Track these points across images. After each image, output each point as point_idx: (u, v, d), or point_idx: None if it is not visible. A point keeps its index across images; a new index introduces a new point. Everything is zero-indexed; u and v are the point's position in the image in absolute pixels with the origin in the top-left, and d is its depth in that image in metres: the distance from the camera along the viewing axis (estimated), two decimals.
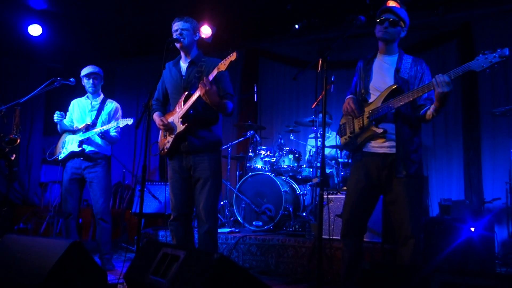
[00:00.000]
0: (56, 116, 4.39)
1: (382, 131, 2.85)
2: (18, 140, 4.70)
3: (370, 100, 2.97)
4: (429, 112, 2.81)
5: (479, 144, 6.02)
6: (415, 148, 2.89)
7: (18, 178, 7.60)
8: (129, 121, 4.27)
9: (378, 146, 2.91)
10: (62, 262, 2.56)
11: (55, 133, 4.67)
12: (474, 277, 1.74)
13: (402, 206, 2.80)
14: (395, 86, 2.85)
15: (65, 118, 4.55)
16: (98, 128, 4.36)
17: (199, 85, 3.09)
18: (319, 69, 2.80)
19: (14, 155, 4.94)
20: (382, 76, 2.97)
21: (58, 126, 4.52)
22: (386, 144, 2.88)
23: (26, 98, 4.42)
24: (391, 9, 2.95)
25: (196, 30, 3.44)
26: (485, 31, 6.16)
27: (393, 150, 2.85)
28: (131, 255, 4.94)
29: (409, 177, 2.81)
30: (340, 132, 3.17)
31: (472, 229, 3.82)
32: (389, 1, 4.86)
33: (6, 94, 7.50)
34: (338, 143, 3.28)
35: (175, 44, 3.34)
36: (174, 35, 3.35)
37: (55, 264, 2.54)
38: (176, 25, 3.37)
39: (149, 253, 2.51)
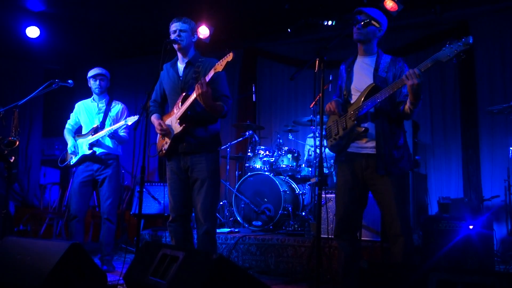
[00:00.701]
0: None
1: (363, 129, 2.89)
2: (17, 142, 4.68)
3: (352, 101, 3.01)
4: (406, 107, 2.85)
5: (477, 142, 6.04)
6: (396, 145, 2.92)
7: (17, 180, 7.60)
8: (136, 118, 4.30)
9: (361, 147, 2.95)
10: (61, 263, 2.58)
11: (54, 135, 4.70)
12: (472, 275, 1.75)
13: (388, 204, 2.84)
14: (373, 85, 2.90)
15: (69, 120, 4.64)
16: (107, 129, 4.40)
17: (196, 86, 3.10)
18: (317, 69, 2.82)
19: (13, 157, 4.93)
20: (362, 76, 3.02)
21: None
22: (369, 144, 2.93)
23: (24, 100, 4.43)
24: (361, 11, 3.00)
25: (194, 31, 3.45)
26: (482, 29, 6.17)
27: (375, 150, 2.89)
28: (131, 256, 4.95)
29: (391, 175, 2.85)
30: (327, 135, 3.21)
31: (471, 227, 3.83)
32: (386, 1, 4.88)
33: (4, 96, 7.49)
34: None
35: (173, 45, 3.34)
36: (172, 36, 3.35)
37: (55, 265, 2.55)
38: (175, 26, 3.37)
39: (148, 254, 2.52)
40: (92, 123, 4.55)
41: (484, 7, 6.14)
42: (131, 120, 4.33)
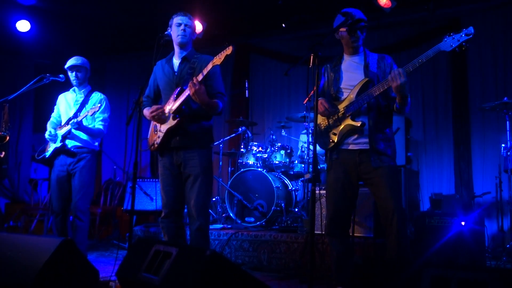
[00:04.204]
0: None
1: (360, 123, 2.91)
2: (7, 138, 4.63)
3: (343, 97, 3.02)
4: (397, 106, 2.89)
5: (469, 139, 6.08)
6: (387, 137, 2.96)
7: (7, 176, 7.53)
8: (96, 108, 4.04)
9: (354, 143, 2.97)
10: (53, 260, 2.54)
11: (45, 130, 4.59)
12: (465, 271, 1.75)
13: (384, 196, 2.86)
14: (366, 79, 2.93)
15: (53, 112, 4.45)
16: (73, 120, 4.10)
17: (189, 85, 3.08)
18: (311, 64, 2.81)
19: (3, 153, 4.88)
20: (352, 74, 3.04)
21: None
22: (361, 140, 2.95)
23: (14, 95, 4.35)
24: (363, 19, 3.02)
25: (195, 29, 3.46)
26: (475, 27, 6.17)
27: (368, 146, 2.92)
28: (123, 252, 4.93)
29: (385, 166, 2.88)
30: (318, 133, 3.19)
31: (463, 223, 3.85)
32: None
33: None
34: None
35: (176, 38, 3.32)
36: (175, 29, 3.33)
37: (46, 262, 2.52)
38: (180, 20, 3.35)
39: (141, 250, 2.50)
40: (68, 114, 4.32)
41: (477, 5, 6.17)
42: (92, 110, 4.03)
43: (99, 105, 4.14)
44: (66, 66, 4.31)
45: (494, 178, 5.00)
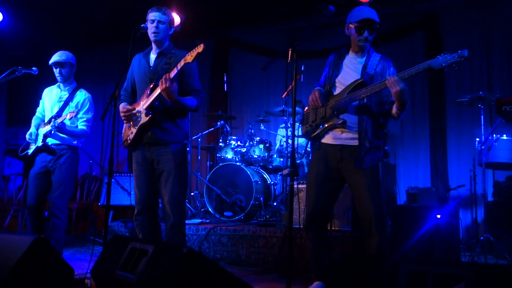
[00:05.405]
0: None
1: (341, 121, 2.91)
2: None
3: (336, 93, 3.01)
4: (394, 111, 2.87)
5: (444, 133, 6.18)
6: (375, 140, 2.94)
7: None
8: (74, 113, 3.97)
9: (337, 138, 2.96)
10: (26, 258, 2.49)
11: (19, 124, 4.46)
12: (441, 266, 1.77)
13: (363, 196, 2.85)
14: (360, 80, 2.91)
15: (38, 107, 4.35)
16: (57, 121, 4.00)
17: (160, 81, 3.02)
18: (289, 59, 2.80)
19: None
20: (350, 71, 3.03)
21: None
22: (344, 135, 2.94)
23: None
24: (373, 20, 2.97)
25: (172, 23, 3.35)
26: (452, 22, 6.28)
27: (351, 142, 2.91)
28: (99, 248, 4.85)
29: (367, 168, 2.87)
30: (303, 121, 3.21)
31: (438, 216, 3.91)
32: None
33: None
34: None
35: (150, 35, 3.24)
36: (149, 26, 3.25)
37: (18, 260, 2.46)
38: (153, 16, 3.25)
39: (117, 248, 2.46)
40: (52, 111, 4.22)
41: (453, 0, 6.26)
42: (70, 114, 3.96)
43: (77, 110, 4.05)
44: (50, 62, 4.21)
45: (469, 171, 5.09)
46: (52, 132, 4.05)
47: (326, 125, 2.97)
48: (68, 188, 4.15)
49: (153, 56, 3.36)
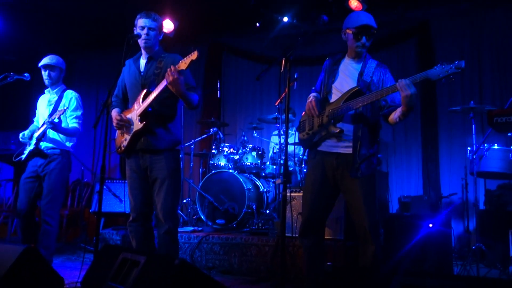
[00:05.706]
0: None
1: (338, 130, 2.88)
2: None
3: (332, 100, 2.99)
4: (396, 116, 2.84)
5: (436, 141, 6.22)
6: (370, 148, 2.92)
7: None
8: (61, 112, 3.95)
9: (333, 146, 2.94)
10: (15, 268, 2.46)
11: (9, 128, 4.43)
12: (434, 278, 1.77)
13: (359, 205, 2.84)
14: (357, 88, 2.89)
15: (34, 117, 4.35)
16: (48, 120, 4.01)
17: (167, 73, 2.99)
18: (282, 69, 2.79)
19: None
20: (346, 78, 3.01)
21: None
22: (340, 144, 2.92)
23: None
24: (371, 26, 2.95)
25: (161, 28, 3.36)
26: (443, 30, 6.34)
27: (347, 150, 2.89)
28: (90, 256, 4.81)
29: (363, 177, 2.85)
30: (299, 128, 3.20)
31: (431, 225, 3.91)
32: (350, 1, 4.90)
33: None
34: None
35: (140, 41, 3.24)
36: (140, 33, 3.24)
37: (8, 271, 2.43)
38: (143, 22, 3.24)
39: (108, 258, 2.44)
40: (44, 116, 4.22)
41: (445, 9, 6.32)
42: (58, 114, 3.96)
43: (65, 108, 4.03)
44: (39, 64, 4.22)
45: (460, 180, 5.12)
46: (47, 127, 4.01)
47: (323, 134, 2.97)
48: (59, 194, 4.13)
49: (143, 62, 3.36)
